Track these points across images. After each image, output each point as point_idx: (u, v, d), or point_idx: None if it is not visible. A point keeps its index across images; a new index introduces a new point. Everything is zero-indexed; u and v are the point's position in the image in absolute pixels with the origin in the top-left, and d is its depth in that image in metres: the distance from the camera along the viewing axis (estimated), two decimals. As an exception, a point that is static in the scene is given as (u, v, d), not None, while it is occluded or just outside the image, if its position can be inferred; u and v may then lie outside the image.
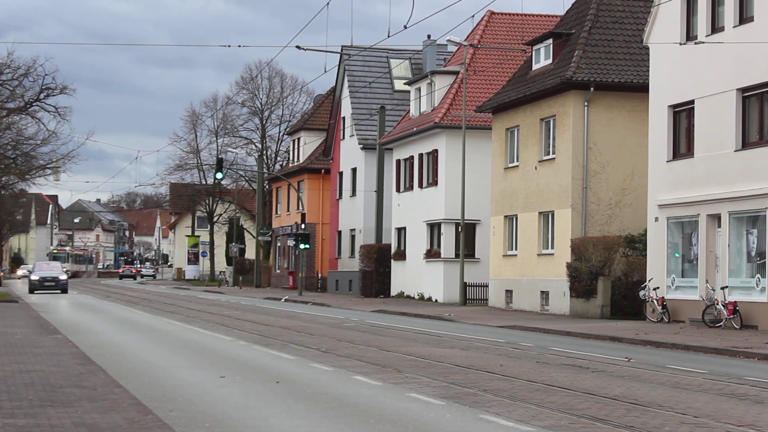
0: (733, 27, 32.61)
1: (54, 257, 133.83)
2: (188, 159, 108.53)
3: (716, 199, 32.99)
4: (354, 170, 68.46)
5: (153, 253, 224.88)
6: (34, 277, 64.72)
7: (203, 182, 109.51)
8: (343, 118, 70.49)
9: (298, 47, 44.92)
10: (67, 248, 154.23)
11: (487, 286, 49.05)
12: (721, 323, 31.72)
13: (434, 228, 54.87)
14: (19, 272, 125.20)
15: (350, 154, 69.03)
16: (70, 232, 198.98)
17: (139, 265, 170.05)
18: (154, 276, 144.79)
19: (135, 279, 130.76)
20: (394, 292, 59.48)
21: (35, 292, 62.91)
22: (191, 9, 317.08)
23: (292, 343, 25.01)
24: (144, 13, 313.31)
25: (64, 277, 65.15)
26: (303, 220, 68.75)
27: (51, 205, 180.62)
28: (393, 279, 59.93)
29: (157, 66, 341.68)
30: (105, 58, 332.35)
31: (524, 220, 44.38)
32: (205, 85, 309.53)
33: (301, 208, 74.28)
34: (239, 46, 45.75)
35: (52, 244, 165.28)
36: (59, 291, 63.74)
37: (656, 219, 36.13)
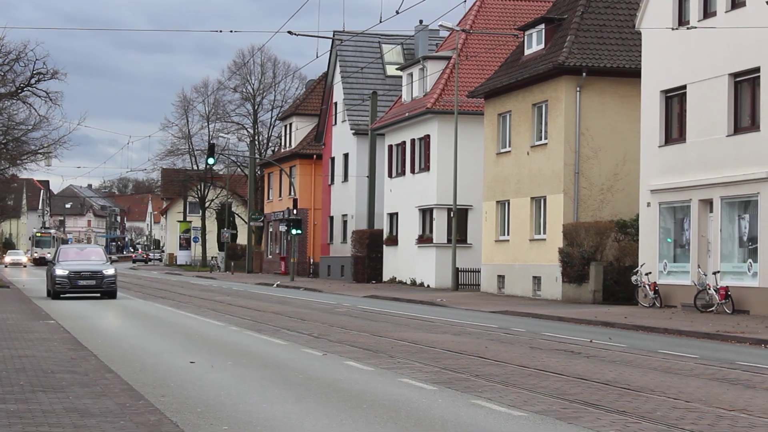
0: (725, 12, 32.57)
1: (38, 242, 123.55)
2: (180, 144, 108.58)
3: (708, 184, 33.00)
4: (346, 156, 68.39)
5: (145, 238, 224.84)
6: (60, 272, 38.09)
7: (195, 168, 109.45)
8: (335, 103, 70.39)
9: (290, 32, 45.04)
10: (53, 231, 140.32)
11: (479, 271, 49.09)
12: (713, 308, 31.77)
13: (426, 213, 54.85)
14: (7, 258, 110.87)
15: (342, 139, 68.94)
16: (62, 218, 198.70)
17: (146, 251, 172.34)
18: (160, 260, 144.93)
19: (146, 263, 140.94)
20: (386, 277, 59.49)
21: (62, 296, 38.69)
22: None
23: (284, 329, 25.00)
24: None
25: (111, 271, 38.95)
26: (295, 206, 68.70)
27: (42, 191, 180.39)
28: (385, 264, 59.93)
29: (136, 51, 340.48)
30: (83, 43, 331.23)
31: (516, 206, 44.37)
32: (186, 70, 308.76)
33: (293, 193, 74.25)
34: (231, 31, 45.50)
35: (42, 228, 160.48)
36: (99, 294, 39.10)
37: (648, 204, 36.14)
